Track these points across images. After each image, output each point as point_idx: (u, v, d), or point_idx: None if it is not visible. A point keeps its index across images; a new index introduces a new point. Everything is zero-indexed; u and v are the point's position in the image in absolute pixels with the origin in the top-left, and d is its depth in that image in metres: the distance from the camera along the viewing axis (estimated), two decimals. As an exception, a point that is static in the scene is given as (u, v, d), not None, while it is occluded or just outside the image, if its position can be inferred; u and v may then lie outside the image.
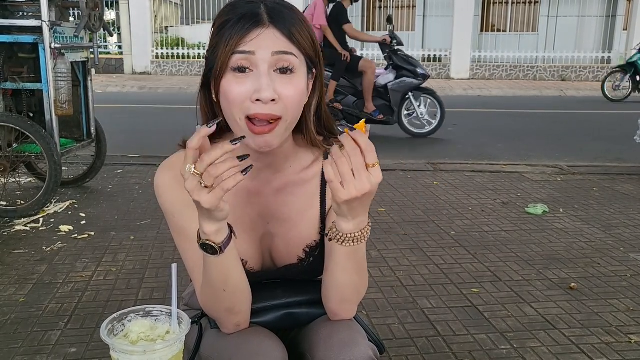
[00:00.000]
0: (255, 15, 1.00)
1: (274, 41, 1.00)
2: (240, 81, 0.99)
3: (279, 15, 1.01)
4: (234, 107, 1.00)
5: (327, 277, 1.10)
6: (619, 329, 2.34)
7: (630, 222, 3.70)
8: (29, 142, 3.70)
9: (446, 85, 12.53)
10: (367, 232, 1.00)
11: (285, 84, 1.00)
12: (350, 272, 1.06)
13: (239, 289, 1.06)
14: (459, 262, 3.03)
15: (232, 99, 1.00)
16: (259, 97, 0.98)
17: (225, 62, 0.99)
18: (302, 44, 1.03)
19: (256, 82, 0.99)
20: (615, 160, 5.61)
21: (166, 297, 2.55)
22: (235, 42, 0.99)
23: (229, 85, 1.00)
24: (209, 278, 1.04)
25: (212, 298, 1.07)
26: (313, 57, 1.06)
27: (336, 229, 0.99)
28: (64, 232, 3.37)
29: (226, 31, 1.00)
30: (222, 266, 1.01)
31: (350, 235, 0.99)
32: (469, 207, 3.97)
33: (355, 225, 0.98)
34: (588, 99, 11.18)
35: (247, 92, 0.99)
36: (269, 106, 0.99)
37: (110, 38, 15.27)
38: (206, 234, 0.95)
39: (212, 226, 0.94)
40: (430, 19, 16.87)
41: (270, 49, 0.99)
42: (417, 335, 2.28)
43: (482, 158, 5.67)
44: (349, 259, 1.04)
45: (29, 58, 3.77)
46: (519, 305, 2.55)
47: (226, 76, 1.00)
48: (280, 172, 1.15)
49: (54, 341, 2.19)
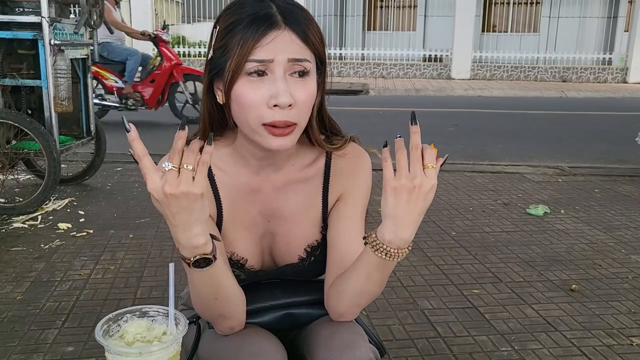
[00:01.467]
0: (269, 16, 0.97)
1: (289, 45, 0.97)
2: (256, 86, 0.97)
3: (292, 16, 0.98)
4: (250, 113, 0.98)
5: (345, 281, 1.06)
6: (620, 332, 2.32)
7: (632, 223, 3.69)
8: (27, 139, 3.68)
9: (447, 85, 12.52)
10: (403, 253, 0.96)
11: (300, 88, 0.98)
12: (373, 282, 1.03)
13: (230, 297, 1.03)
14: (459, 262, 3.01)
15: (247, 104, 0.97)
16: (277, 103, 0.96)
17: (240, 66, 0.96)
18: (316, 45, 1.01)
19: (272, 87, 0.96)
20: (617, 161, 5.59)
21: (165, 296, 2.52)
22: (251, 46, 0.95)
23: (243, 90, 0.97)
24: (198, 292, 1.00)
25: (205, 307, 1.04)
26: (322, 57, 1.04)
27: (375, 234, 0.96)
28: (63, 229, 3.35)
29: (238, 33, 0.96)
30: (213, 277, 0.97)
31: (387, 247, 0.95)
32: (470, 208, 3.95)
33: (396, 237, 0.94)
34: (589, 100, 11.17)
35: (262, 98, 0.96)
36: (286, 112, 0.97)
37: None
38: (196, 248, 0.90)
39: (200, 238, 0.90)
40: (431, 19, 16.86)
41: (287, 54, 0.96)
42: (417, 336, 2.26)
43: (483, 158, 5.65)
44: (376, 269, 1.00)
45: (28, 54, 3.75)
46: (520, 306, 2.53)
47: (240, 80, 0.97)
48: (282, 170, 1.13)
49: (50, 340, 2.17)
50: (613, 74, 13.89)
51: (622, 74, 13.84)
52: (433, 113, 8.94)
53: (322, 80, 1.08)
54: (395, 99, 10.81)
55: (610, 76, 13.87)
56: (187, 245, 0.90)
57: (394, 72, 13.96)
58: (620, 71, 13.89)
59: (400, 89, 11.90)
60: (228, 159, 1.12)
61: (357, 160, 1.15)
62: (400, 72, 13.97)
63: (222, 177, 1.12)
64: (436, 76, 13.95)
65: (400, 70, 13.97)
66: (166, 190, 0.84)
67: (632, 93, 11.95)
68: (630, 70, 13.69)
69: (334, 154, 1.15)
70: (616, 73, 13.89)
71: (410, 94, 11.59)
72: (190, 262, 0.92)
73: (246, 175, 1.12)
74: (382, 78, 13.75)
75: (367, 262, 1.00)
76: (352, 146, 1.16)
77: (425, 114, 8.88)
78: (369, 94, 11.48)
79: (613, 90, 12.33)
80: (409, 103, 10.09)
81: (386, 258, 0.96)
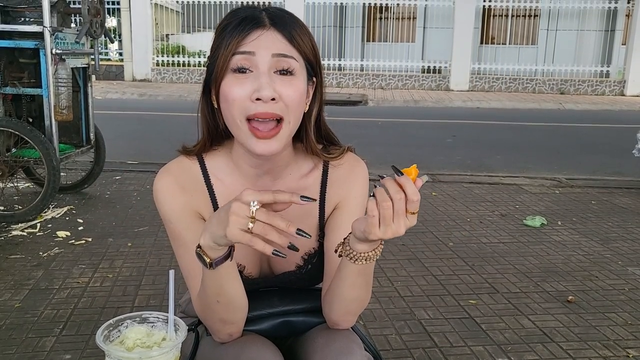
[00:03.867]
0: (256, 18, 1.01)
1: (274, 42, 1.00)
2: (240, 82, 0.99)
3: (280, 18, 1.02)
4: (234, 108, 1.00)
5: (333, 291, 1.08)
6: (616, 343, 2.33)
7: (629, 235, 3.70)
8: (27, 147, 3.70)
9: (445, 96, 12.57)
10: (379, 250, 0.99)
11: (285, 84, 1.00)
12: (358, 287, 1.05)
13: (233, 302, 1.04)
14: (456, 273, 3.02)
15: (231, 99, 1.00)
16: (259, 96, 0.98)
17: (226, 63, 1.00)
18: (303, 47, 1.03)
19: (255, 82, 0.99)
20: (614, 173, 5.62)
21: (163, 305, 2.54)
22: (236, 43, 0.99)
23: (228, 86, 1.00)
24: (204, 287, 1.02)
25: (206, 307, 1.06)
26: (313, 64, 1.06)
27: (350, 247, 0.98)
28: (61, 237, 3.36)
29: (227, 34, 1.01)
30: (216, 279, 0.99)
31: (364, 254, 0.98)
32: (467, 219, 3.96)
33: (370, 245, 0.97)
34: (587, 112, 11.21)
35: (247, 92, 0.99)
36: (269, 105, 0.98)
37: (111, 45, 15.34)
38: (204, 246, 0.93)
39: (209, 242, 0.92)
40: (430, 30, 16.93)
41: (271, 50, 0.99)
42: (414, 346, 2.27)
43: (481, 170, 5.67)
44: (359, 276, 1.02)
45: (29, 63, 3.78)
46: (517, 317, 2.54)
47: (226, 77, 1.00)
48: (280, 179, 1.15)
49: (48, 347, 2.17)
50: (610, 87, 13.95)
51: (620, 87, 13.90)
52: (431, 124, 8.98)
53: (319, 89, 1.10)
54: (394, 109, 10.85)
55: (608, 89, 13.94)
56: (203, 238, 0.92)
57: (392, 83, 14.01)
58: (617, 84, 13.96)
59: (399, 100, 11.94)
60: (226, 168, 1.14)
61: (353, 170, 1.17)
62: (399, 83, 14.02)
63: (220, 186, 1.14)
64: (435, 87, 14.00)
65: (399, 82, 14.02)
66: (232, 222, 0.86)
67: (630, 105, 12.00)
68: (627, 83, 13.74)
69: (331, 164, 1.16)
70: (614, 86, 13.95)
71: (409, 105, 11.63)
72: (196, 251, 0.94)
73: (244, 185, 1.13)
74: (381, 89, 13.80)
75: (348, 272, 1.02)
76: (348, 155, 1.18)
77: (423, 125, 8.92)
78: (367, 105, 11.52)
79: (610, 102, 12.38)
80: (407, 114, 10.14)
81: (366, 263, 0.99)
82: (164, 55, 14.26)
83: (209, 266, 0.94)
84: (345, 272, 1.02)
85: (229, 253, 0.94)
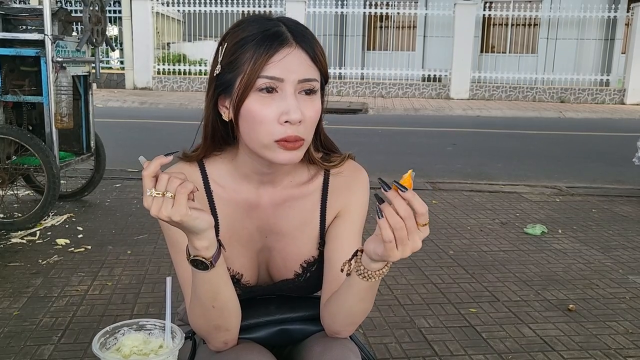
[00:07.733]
0: (280, 33, 1.00)
1: (300, 65, 0.99)
2: (266, 102, 0.99)
3: (302, 36, 1.01)
4: (262, 129, 0.99)
5: (339, 304, 1.07)
6: (617, 352, 2.32)
7: (629, 244, 3.69)
8: (28, 155, 3.70)
9: (446, 105, 12.59)
10: (390, 265, 0.98)
11: (308, 105, 1.01)
12: (368, 300, 1.05)
13: (228, 306, 1.04)
14: (457, 281, 3.01)
15: (259, 120, 0.99)
16: (288, 119, 0.98)
17: (252, 82, 0.98)
18: (323, 65, 1.04)
19: (282, 104, 0.98)
20: (614, 182, 5.61)
21: (161, 313, 2.53)
22: (264, 62, 0.97)
23: (254, 106, 0.99)
24: (198, 294, 1.02)
25: (201, 314, 1.05)
26: (327, 76, 1.07)
27: (364, 267, 0.97)
28: (61, 245, 3.35)
29: (250, 49, 0.99)
30: (212, 282, 0.99)
31: (379, 272, 0.97)
32: (468, 227, 3.96)
33: (384, 263, 0.96)
34: (587, 120, 11.23)
35: (274, 114, 0.98)
36: (296, 127, 0.99)
37: (112, 53, 15.38)
38: (197, 249, 0.93)
39: (202, 241, 0.92)
40: (430, 39, 16.99)
41: (298, 75, 0.99)
42: (414, 354, 2.26)
43: (481, 178, 5.67)
44: (370, 290, 1.02)
45: (30, 71, 3.79)
46: (517, 326, 2.53)
47: (251, 96, 0.99)
48: (280, 186, 1.14)
49: (46, 355, 2.16)
50: (610, 95, 13.98)
51: (620, 95, 13.92)
52: (432, 132, 8.99)
53: (322, 98, 1.10)
54: (394, 118, 10.86)
55: (608, 97, 13.96)
56: (192, 244, 0.94)
57: (393, 92, 14.04)
58: (617, 92, 13.98)
59: (399, 109, 11.96)
60: (227, 175, 1.13)
61: (354, 178, 1.17)
62: (400, 92, 14.05)
63: (220, 193, 1.13)
64: (435, 96, 14.03)
65: (400, 90, 14.05)
66: (152, 214, 0.88)
67: (630, 114, 12.02)
68: (627, 92, 13.77)
69: (332, 172, 1.16)
70: (614, 94, 13.97)
71: (409, 113, 11.65)
72: (189, 259, 0.95)
73: (245, 192, 1.13)
74: (382, 97, 13.82)
75: (360, 288, 1.01)
76: (349, 163, 1.17)
77: (424, 133, 8.93)
78: (368, 113, 11.54)
79: (610, 111, 12.40)
80: (408, 122, 10.15)
81: (378, 279, 0.99)
82: (165, 63, 14.30)
83: (210, 265, 0.94)
84: (357, 288, 1.01)
85: (220, 245, 0.96)
